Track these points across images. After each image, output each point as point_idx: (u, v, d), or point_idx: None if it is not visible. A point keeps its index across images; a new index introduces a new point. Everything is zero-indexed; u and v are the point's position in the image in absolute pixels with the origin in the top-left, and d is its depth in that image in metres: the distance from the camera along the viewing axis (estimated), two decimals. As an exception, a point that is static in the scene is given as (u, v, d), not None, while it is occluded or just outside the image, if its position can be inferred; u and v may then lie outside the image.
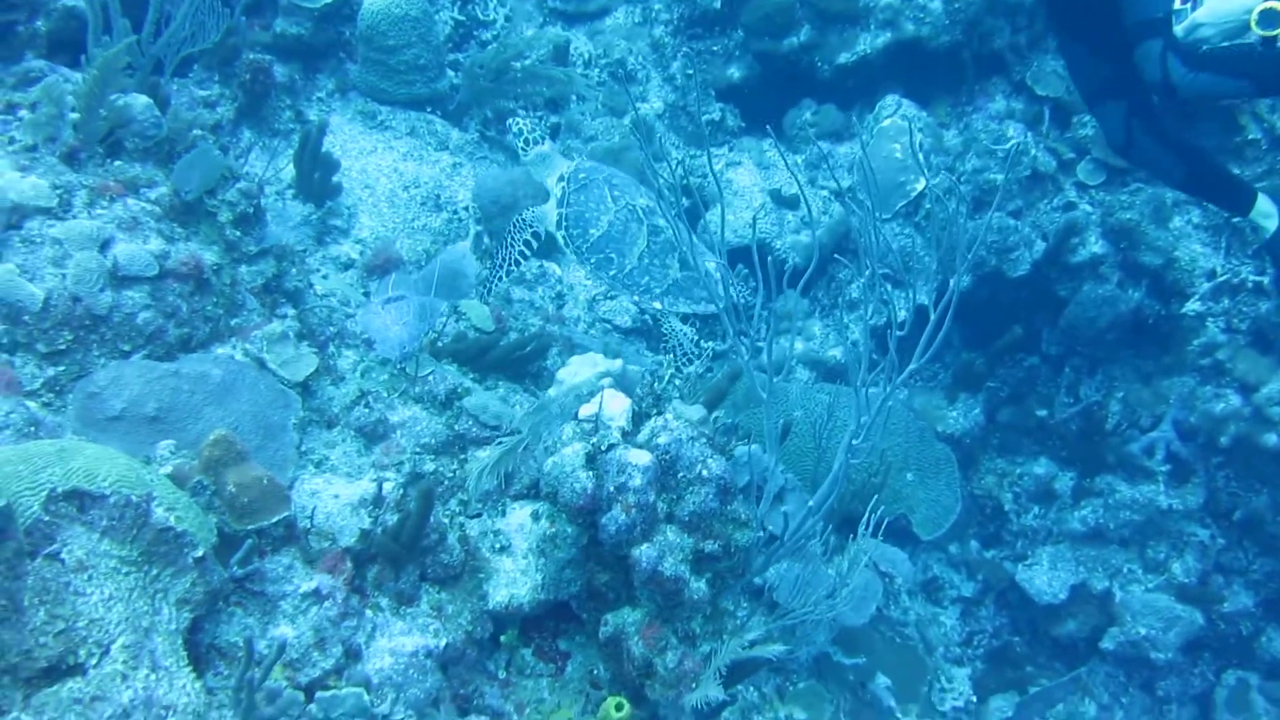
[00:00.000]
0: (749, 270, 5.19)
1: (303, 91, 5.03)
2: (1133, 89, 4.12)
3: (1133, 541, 5.02)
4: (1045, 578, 4.99)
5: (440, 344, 3.74)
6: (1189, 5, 3.46)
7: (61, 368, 3.02)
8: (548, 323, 4.37)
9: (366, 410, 3.30)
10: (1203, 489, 4.93)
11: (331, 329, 3.80)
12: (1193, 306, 4.99)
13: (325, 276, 4.18)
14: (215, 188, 3.57)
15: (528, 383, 4.00)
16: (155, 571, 2.51)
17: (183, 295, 3.22)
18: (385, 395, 3.36)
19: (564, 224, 3.90)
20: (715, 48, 5.79)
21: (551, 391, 3.17)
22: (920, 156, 5.32)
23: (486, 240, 4.74)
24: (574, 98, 5.58)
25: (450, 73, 5.34)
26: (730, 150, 5.70)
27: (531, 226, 4.02)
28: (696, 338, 3.90)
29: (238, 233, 3.61)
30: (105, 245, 3.10)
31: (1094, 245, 5.17)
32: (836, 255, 5.45)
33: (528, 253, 4.02)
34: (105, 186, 3.22)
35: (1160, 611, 4.78)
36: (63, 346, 3.01)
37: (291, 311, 3.72)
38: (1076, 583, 4.95)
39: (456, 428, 3.29)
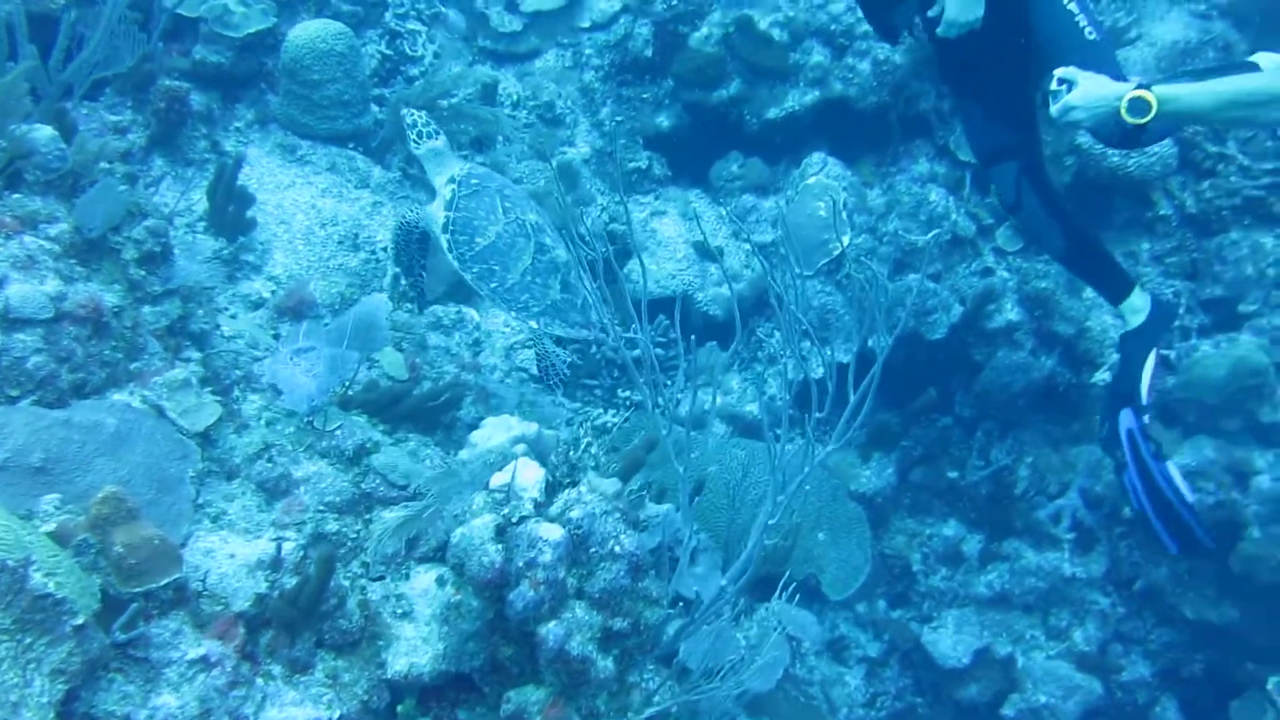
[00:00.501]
0: (670, 321, 5.18)
1: (220, 121, 4.88)
2: (1026, 152, 4.19)
3: (1036, 608, 5.07)
4: (950, 641, 5.01)
5: (351, 392, 3.63)
6: (1064, 87, 3.50)
7: (-58, 412, 2.86)
8: (463, 371, 4.29)
9: (269, 465, 3.18)
10: (1106, 558, 5.01)
11: (237, 373, 3.66)
12: (1102, 377, 5.07)
13: (234, 316, 4.04)
14: (121, 224, 3.43)
15: (440, 434, 3.91)
16: (29, 640, 2.37)
17: (79, 339, 3.07)
18: (290, 448, 3.25)
19: (450, 228, 3.73)
20: (645, 95, 5.79)
21: (463, 454, 3.09)
22: (844, 215, 5.36)
23: (404, 283, 4.64)
24: (500, 139, 5.52)
25: (375, 108, 5.24)
26: (656, 199, 5.69)
27: (418, 226, 3.88)
28: (571, 359, 3.83)
29: (142, 272, 3.47)
30: (-3, 285, 2.95)
31: (1010, 312, 5.24)
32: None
33: (423, 256, 3.93)
34: (0, 223, 3.06)
35: (1060, 679, 4.83)
36: (-56, 390, 2.85)
37: (196, 355, 3.59)
38: (980, 647, 4.98)
39: (363, 486, 3.19)
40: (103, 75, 4.29)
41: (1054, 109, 3.50)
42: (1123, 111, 3.26)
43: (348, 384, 3.53)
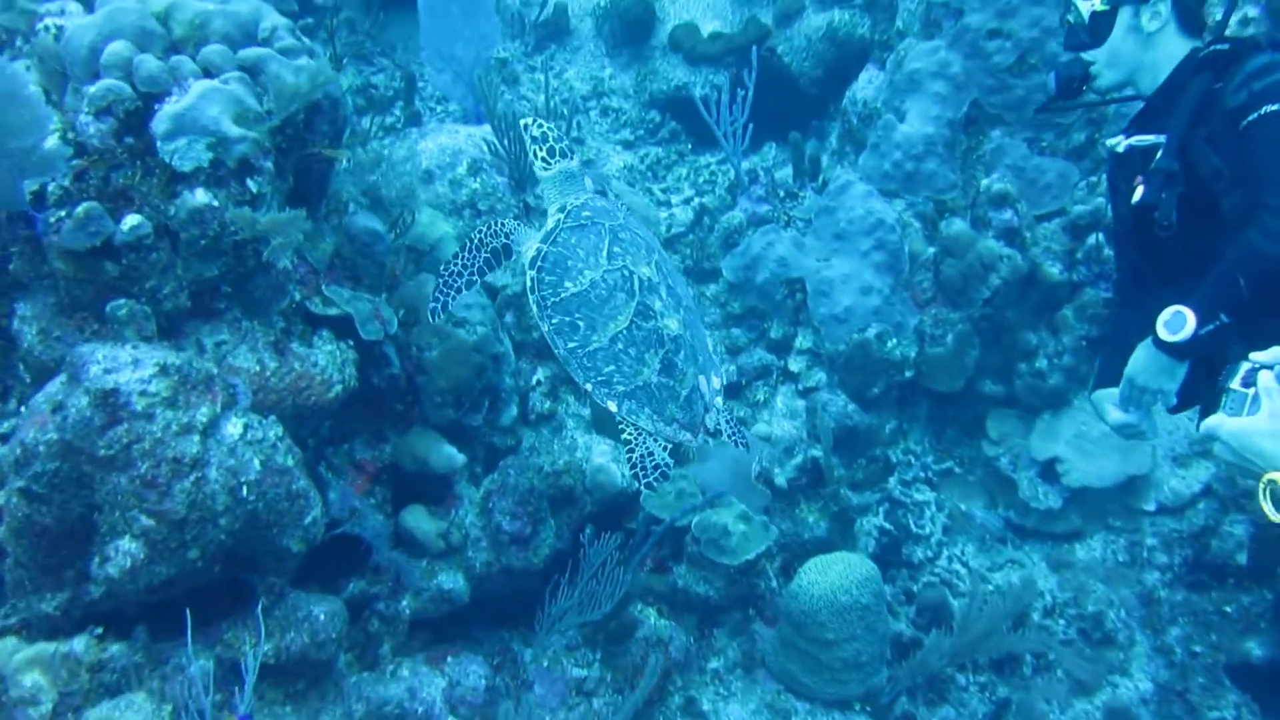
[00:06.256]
0: None
1: (695, 658, 3.83)
2: None
3: None
4: None
5: None
6: (1250, 392, 2.20)
7: None
8: None
9: None
10: None
11: None
12: None
13: None
14: None
15: None
16: None
17: None
18: None
19: (539, 263, 2.71)
20: (1228, 608, 4.25)
21: None
22: None
23: None
24: (1029, 661, 4.17)
25: (886, 670, 4.00)
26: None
27: (505, 236, 2.79)
28: (669, 462, 2.62)
29: None
30: None
31: None
32: None
33: (486, 265, 2.79)
34: None
35: None
36: None
37: None
38: None
39: None
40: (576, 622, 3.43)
41: (1208, 420, 2.24)
42: (1260, 485, 2.16)
43: None
